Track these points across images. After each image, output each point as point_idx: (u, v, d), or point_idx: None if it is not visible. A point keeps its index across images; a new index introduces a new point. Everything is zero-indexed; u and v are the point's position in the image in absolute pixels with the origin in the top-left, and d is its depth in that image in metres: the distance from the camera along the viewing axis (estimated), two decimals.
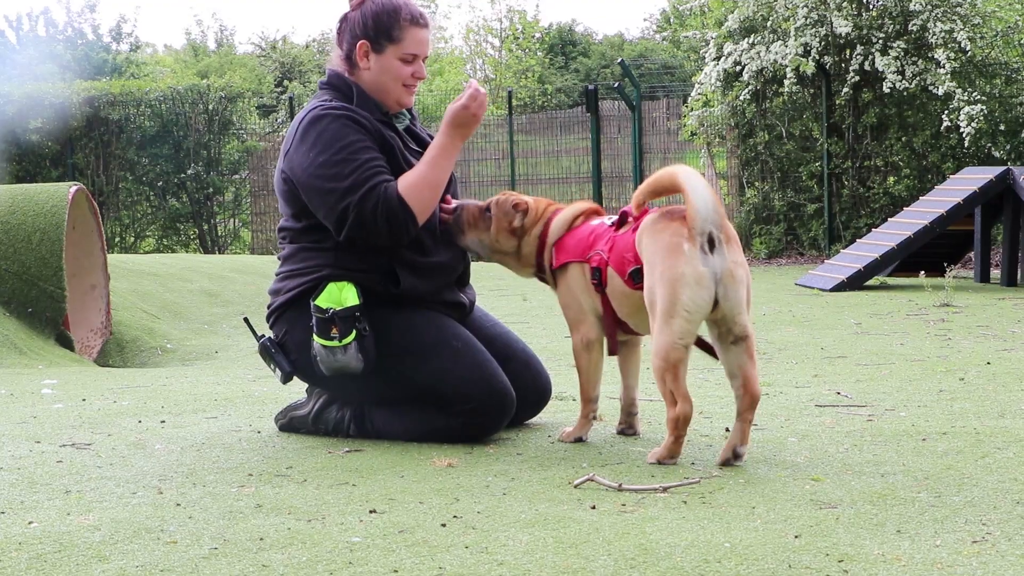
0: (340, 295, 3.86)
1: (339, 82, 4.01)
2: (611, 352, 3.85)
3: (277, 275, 4.10)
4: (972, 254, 11.91)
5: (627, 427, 3.97)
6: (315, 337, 3.85)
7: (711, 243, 3.41)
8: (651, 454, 3.58)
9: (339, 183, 3.83)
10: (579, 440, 3.88)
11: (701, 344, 3.59)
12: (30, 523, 2.94)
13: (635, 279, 3.60)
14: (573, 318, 3.86)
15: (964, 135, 13.70)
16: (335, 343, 3.82)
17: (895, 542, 2.72)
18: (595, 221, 3.87)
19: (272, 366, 4.06)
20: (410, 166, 3.96)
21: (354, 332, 3.82)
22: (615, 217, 3.80)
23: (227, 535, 2.81)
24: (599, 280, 3.73)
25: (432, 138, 4.13)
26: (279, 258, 4.11)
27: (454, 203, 4.07)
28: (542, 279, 4.01)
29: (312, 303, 3.86)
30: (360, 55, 3.98)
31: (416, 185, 3.87)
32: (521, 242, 3.96)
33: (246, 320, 4.33)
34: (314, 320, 3.85)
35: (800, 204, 15.25)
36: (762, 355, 6.19)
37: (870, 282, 11.03)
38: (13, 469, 3.58)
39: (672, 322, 3.41)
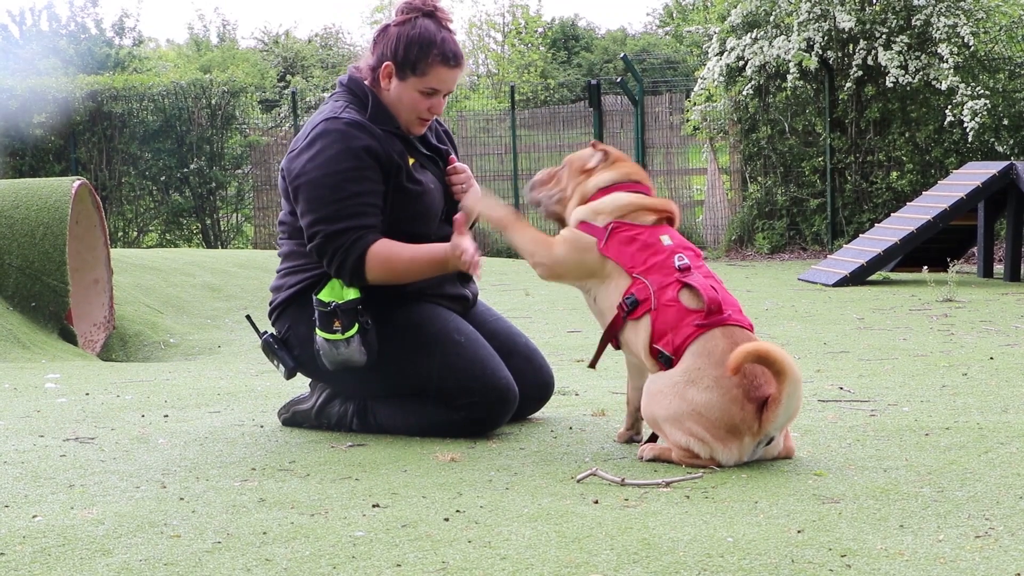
0: (342, 289, 3.87)
1: (358, 89, 3.99)
2: (591, 365, 3.77)
3: (279, 272, 4.11)
4: (975, 249, 11.90)
5: (635, 433, 3.84)
6: (318, 331, 3.86)
7: (769, 439, 3.45)
8: (648, 448, 3.57)
9: (320, 207, 3.84)
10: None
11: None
12: (34, 517, 2.95)
13: (663, 361, 3.50)
14: (559, 256, 3.68)
15: (967, 130, 13.69)
16: (338, 336, 3.83)
17: (898, 537, 2.72)
18: (665, 238, 3.61)
19: (275, 362, 4.06)
20: (414, 182, 3.94)
21: (356, 325, 3.83)
22: (684, 259, 3.55)
23: (230, 529, 2.81)
24: (630, 308, 3.54)
25: (447, 134, 4.16)
26: (279, 255, 4.12)
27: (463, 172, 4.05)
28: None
29: (314, 297, 3.87)
30: (383, 75, 3.95)
31: (388, 263, 3.84)
32: (587, 182, 3.76)
33: (248, 318, 4.33)
34: (316, 314, 3.86)
35: (803, 199, 15.24)
36: None
37: (873, 277, 11.03)
38: (17, 463, 3.58)
39: (691, 448, 3.43)
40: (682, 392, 3.41)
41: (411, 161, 3.98)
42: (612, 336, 3.64)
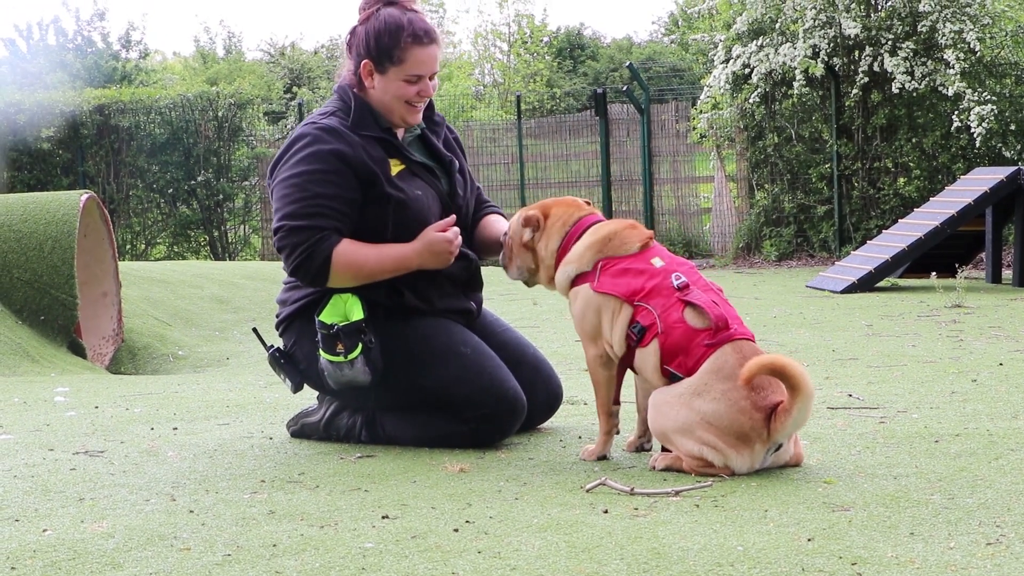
0: (345, 308, 3.85)
1: (343, 94, 4.01)
2: (614, 401, 3.72)
3: (284, 284, 4.11)
4: (983, 255, 11.88)
5: (646, 441, 3.83)
6: (321, 352, 3.85)
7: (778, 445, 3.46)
8: (660, 458, 3.57)
9: (284, 205, 3.84)
10: (603, 458, 3.70)
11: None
12: (44, 531, 2.95)
13: (671, 376, 3.50)
14: (588, 333, 3.66)
15: (974, 135, 13.67)
16: (341, 359, 3.81)
17: (908, 544, 2.71)
18: (656, 260, 3.61)
19: (282, 376, 4.07)
20: (396, 189, 3.91)
21: (360, 346, 3.81)
22: (681, 277, 3.53)
23: (240, 542, 2.81)
24: (639, 336, 3.53)
25: (456, 142, 4.16)
26: (284, 268, 4.12)
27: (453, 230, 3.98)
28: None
29: (317, 319, 3.85)
30: (365, 74, 3.96)
31: (352, 265, 3.83)
32: (538, 257, 3.81)
33: (255, 331, 4.33)
34: (319, 336, 3.84)
35: (810, 206, 15.23)
36: None
37: (881, 284, 11.01)
38: (27, 477, 3.59)
39: (704, 456, 3.42)
40: (689, 402, 3.41)
41: (398, 168, 3.96)
42: (627, 366, 3.64)
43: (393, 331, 3.92)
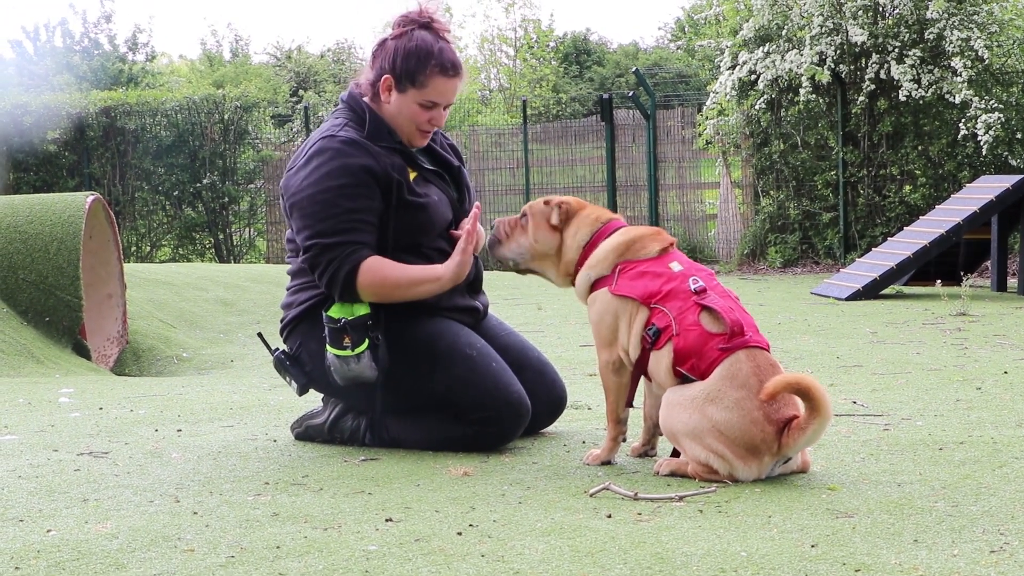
0: (352, 305, 3.86)
1: (356, 106, 4.00)
2: (628, 404, 3.71)
3: (288, 289, 4.12)
4: (989, 263, 11.87)
5: (650, 448, 3.83)
6: (328, 347, 3.86)
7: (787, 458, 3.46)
8: (665, 463, 3.57)
9: (315, 222, 3.84)
10: (607, 463, 3.70)
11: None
12: (48, 531, 2.96)
13: (683, 377, 3.50)
14: (604, 338, 3.66)
15: (981, 143, 13.66)
16: (348, 352, 3.83)
17: (912, 552, 2.71)
18: (674, 265, 3.63)
19: (287, 379, 4.07)
20: (416, 195, 3.94)
21: (366, 341, 3.83)
22: (699, 281, 3.55)
23: (244, 543, 2.82)
24: (654, 338, 3.54)
25: (453, 148, 4.16)
26: (289, 272, 4.12)
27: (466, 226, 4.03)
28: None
29: (324, 313, 3.87)
30: (383, 88, 3.96)
31: (381, 281, 3.84)
32: (563, 245, 3.79)
33: (260, 335, 4.34)
34: (326, 330, 3.86)
35: (815, 213, 15.22)
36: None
37: (886, 291, 11.00)
38: (31, 477, 3.59)
39: (710, 464, 3.43)
40: (702, 408, 3.41)
41: (413, 175, 3.98)
42: (642, 371, 3.63)
43: (399, 330, 3.93)
